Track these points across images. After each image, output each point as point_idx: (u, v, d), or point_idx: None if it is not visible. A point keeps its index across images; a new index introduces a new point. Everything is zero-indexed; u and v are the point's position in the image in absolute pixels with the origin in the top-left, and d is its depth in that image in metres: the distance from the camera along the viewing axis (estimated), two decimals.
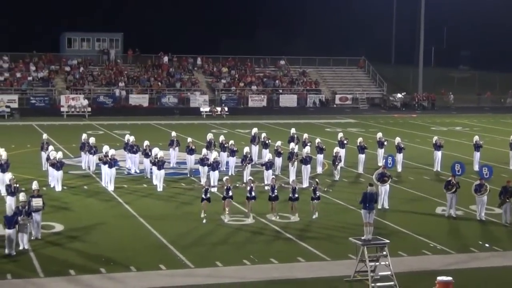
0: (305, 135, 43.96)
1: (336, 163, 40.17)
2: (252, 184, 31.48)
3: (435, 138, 45.34)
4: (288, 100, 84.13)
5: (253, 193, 31.24)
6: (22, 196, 27.00)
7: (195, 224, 30.28)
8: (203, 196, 30.74)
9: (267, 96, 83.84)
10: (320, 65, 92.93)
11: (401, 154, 43.46)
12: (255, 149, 44.30)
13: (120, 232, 29.17)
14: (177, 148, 43.13)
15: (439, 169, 43.33)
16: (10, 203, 27.93)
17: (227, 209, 30.91)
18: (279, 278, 23.91)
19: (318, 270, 24.81)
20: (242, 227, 30.21)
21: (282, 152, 40.84)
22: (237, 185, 33.60)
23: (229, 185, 31.15)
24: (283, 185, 33.07)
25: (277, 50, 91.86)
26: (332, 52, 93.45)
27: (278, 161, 40.68)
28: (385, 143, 44.81)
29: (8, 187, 30.42)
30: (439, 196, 34.39)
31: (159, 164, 36.97)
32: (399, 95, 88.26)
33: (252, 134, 45.59)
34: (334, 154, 40.27)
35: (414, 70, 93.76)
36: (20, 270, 24.14)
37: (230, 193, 30.98)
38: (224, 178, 32.40)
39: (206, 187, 31.08)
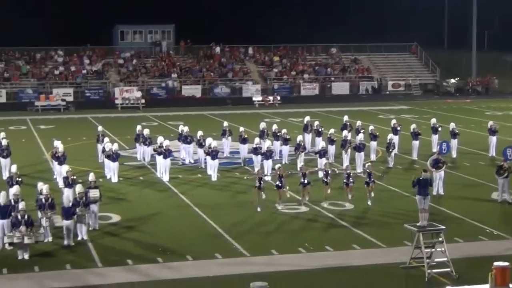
0: (358, 122, 43.85)
1: (390, 149, 40.02)
2: (305, 171, 31.53)
3: (490, 123, 44.87)
4: (340, 87, 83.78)
5: (306, 181, 31.31)
6: (79, 188, 27.39)
7: (250, 212, 30.45)
8: (257, 185, 30.87)
9: (319, 84, 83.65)
10: (371, 52, 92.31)
11: (456, 139, 43.10)
12: (308, 137, 44.27)
13: (175, 222, 29.47)
14: (229, 138, 43.28)
15: (494, 154, 42.84)
16: (68, 194, 28.35)
17: (285, 196, 31.06)
18: (335, 266, 23.96)
19: (373, 257, 24.81)
20: (296, 215, 30.30)
21: (335, 139, 40.80)
22: (290, 172, 33.68)
23: (282, 173, 31.24)
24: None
25: (329, 38, 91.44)
26: (384, 38, 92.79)
27: (332, 149, 40.63)
28: (439, 129, 44.42)
29: (65, 179, 30.86)
30: (495, 182, 34.01)
31: (213, 154, 37.19)
32: (452, 80, 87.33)
33: (305, 122, 45.55)
34: (387, 141, 40.12)
35: (467, 54, 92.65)
36: (79, 260, 24.55)
37: (283, 182, 31.08)
38: (277, 166, 32.51)
39: (259, 176, 31.20)
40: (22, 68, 78.97)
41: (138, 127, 42.54)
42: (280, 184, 31.02)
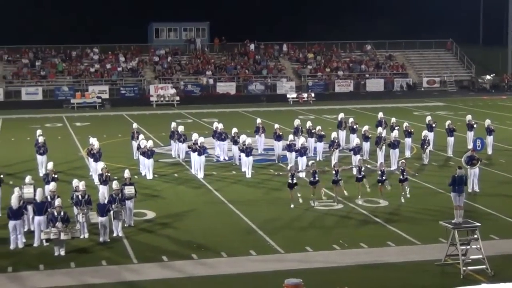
0: (393, 119, 43.70)
1: (425, 146, 39.84)
2: (338, 168, 31.51)
3: None
4: (375, 84, 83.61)
5: (339, 177, 31.30)
6: (115, 185, 27.58)
7: (284, 209, 30.48)
8: (290, 181, 30.89)
9: (354, 81, 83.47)
10: (406, 49, 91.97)
11: (491, 136, 42.78)
12: (342, 134, 44.20)
13: (210, 219, 29.55)
14: (263, 135, 43.34)
15: None
16: (103, 191, 28.55)
17: (322, 193, 31.08)
18: (370, 263, 23.91)
19: (408, 254, 24.73)
20: (330, 211, 30.29)
21: (369, 136, 40.71)
22: (325, 169, 33.68)
23: (316, 169, 31.22)
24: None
25: (363, 35, 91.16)
26: (419, 34, 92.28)
27: (366, 146, 40.53)
28: (475, 125, 44.13)
29: (100, 176, 31.10)
30: None
31: (247, 151, 37.28)
32: (488, 77, 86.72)
33: (339, 119, 45.49)
34: (422, 138, 39.95)
35: (502, 51, 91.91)
36: (114, 256, 24.73)
37: (317, 178, 31.07)
38: (310, 162, 32.53)
39: (292, 172, 31.21)
40: (58, 66, 79.67)
41: (173, 124, 42.70)
42: (314, 180, 31.02)
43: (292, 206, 30.65)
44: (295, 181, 30.94)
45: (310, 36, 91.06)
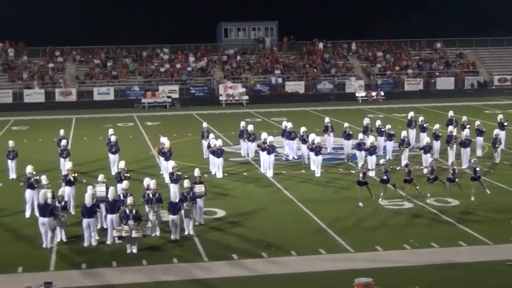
0: (464, 118, 43.26)
1: (497, 145, 39.36)
2: (410, 168, 31.37)
3: None
4: (445, 82, 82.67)
5: (411, 177, 31.14)
6: (186, 183, 27.84)
7: (353, 208, 30.42)
8: (361, 179, 30.81)
9: (423, 79, 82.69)
10: (477, 46, 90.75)
11: None
12: (412, 133, 43.90)
13: (280, 217, 29.64)
14: (332, 134, 43.29)
15: None
16: (174, 190, 28.84)
17: (387, 191, 31.00)
18: (441, 262, 23.71)
19: (480, 254, 24.48)
20: (400, 210, 30.14)
21: (440, 135, 40.36)
22: (397, 168, 33.51)
23: (387, 168, 31.11)
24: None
25: (433, 33, 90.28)
26: (490, 32, 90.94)
27: (436, 145, 40.22)
28: None
29: (171, 175, 31.46)
30: None
31: (317, 150, 37.29)
32: None
33: (409, 118, 45.17)
34: (494, 136, 39.48)
35: None
36: (185, 254, 24.98)
37: (387, 177, 30.95)
38: (382, 161, 32.42)
39: (364, 170, 31.12)
40: (129, 66, 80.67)
41: (242, 123, 42.92)
42: (385, 179, 30.92)
43: (360, 204, 30.57)
44: (365, 180, 30.87)
45: (379, 34, 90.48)
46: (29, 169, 30.30)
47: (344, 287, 20.48)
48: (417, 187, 31.37)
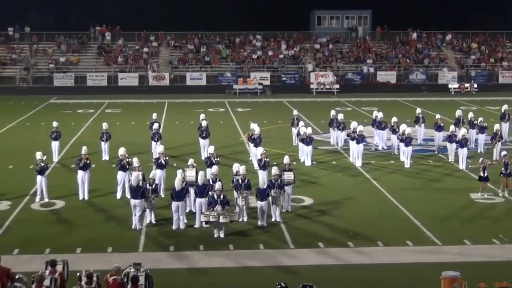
0: None
1: None
2: (506, 160, 30.80)
3: None
4: None
5: (508, 170, 30.58)
6: (274, 170, 27.92)
7: (443, 201, 30.11)
8: (482, 174, 30.56)
9: None
10: None
11: None
12: (505, 126, 43.14)
13: (367, 207, 29.53)
14: (423, 125, 42.84)
15: None
16: (263, 176, 29.08)
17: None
18: None
19: None
20: (492, 204, 29.68)
21: None
22: (491, 162, 32.97)
23: (507, 161, 30.54)
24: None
25: None
26: None
27: None
28: None
29: (259, 161, 31.57)
30: None
31: (407, 140, 36.99)
32: None
33: (502, 111, 44.40)
34: None
35: None
36: (272, 240, 25.12)
37: (486, 173, 30.51)
38: (503, 153, 32.09)
39: (484, 164, 30.60)
40: (222, 52, 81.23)
41: (332, 112, 42.84)
42: (506, 173, 30.48)
43: (484, 195, 30.39)
44: (486, 174, 30.46)
45: (474, 25, 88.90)
46: (121, 151, 30.91)
47: (431, 280, 20.32)
48: None
